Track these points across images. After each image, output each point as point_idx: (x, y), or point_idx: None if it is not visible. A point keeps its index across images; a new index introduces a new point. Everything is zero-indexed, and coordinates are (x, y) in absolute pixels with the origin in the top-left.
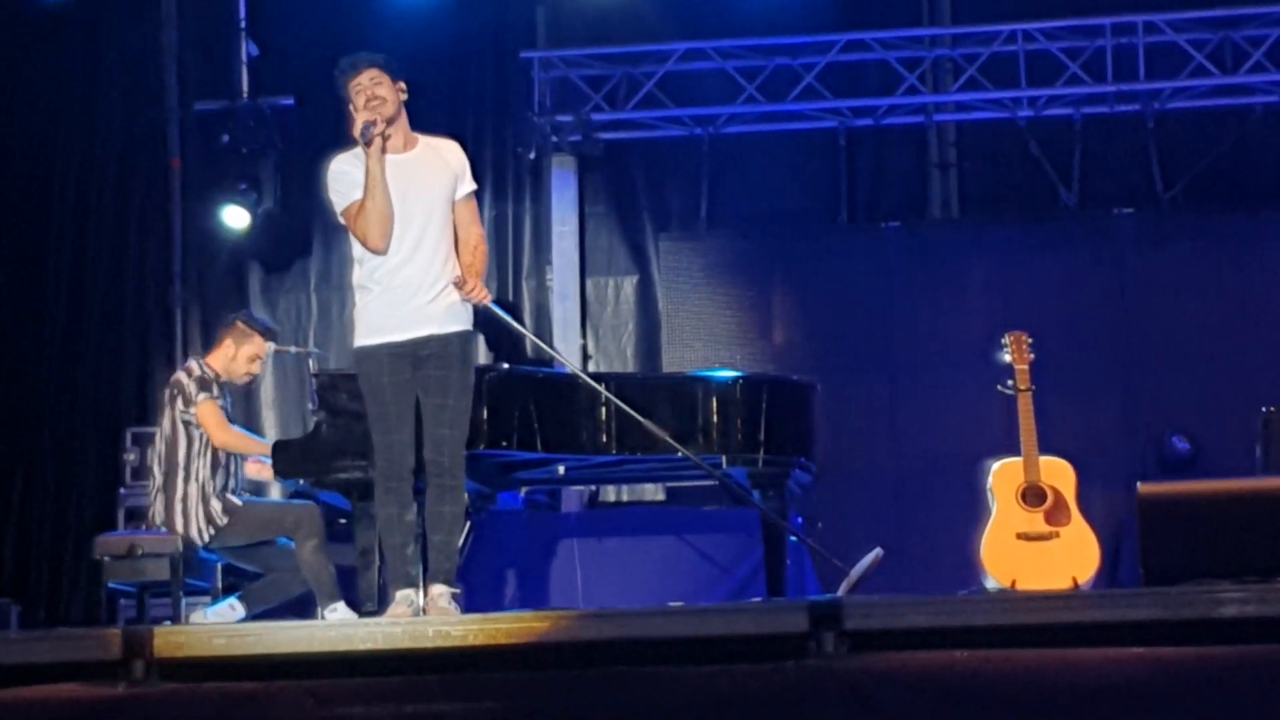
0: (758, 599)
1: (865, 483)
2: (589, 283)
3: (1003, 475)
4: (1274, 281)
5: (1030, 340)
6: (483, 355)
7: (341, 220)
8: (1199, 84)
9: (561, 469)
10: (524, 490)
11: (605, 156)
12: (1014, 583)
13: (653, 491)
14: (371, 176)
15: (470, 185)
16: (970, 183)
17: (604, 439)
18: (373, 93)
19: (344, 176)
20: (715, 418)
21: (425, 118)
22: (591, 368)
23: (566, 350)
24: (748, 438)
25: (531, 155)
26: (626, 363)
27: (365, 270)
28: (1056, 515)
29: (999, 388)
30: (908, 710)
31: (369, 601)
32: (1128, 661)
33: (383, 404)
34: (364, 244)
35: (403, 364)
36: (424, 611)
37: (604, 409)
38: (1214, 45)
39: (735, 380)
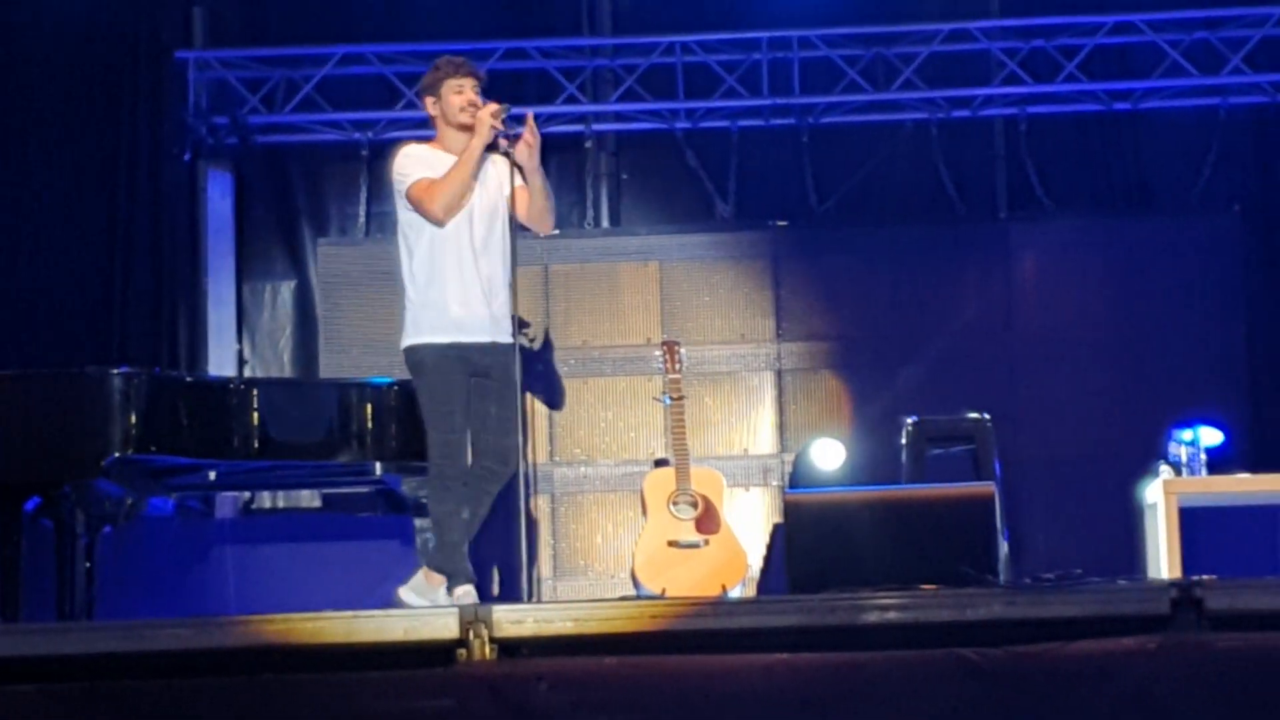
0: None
1: (523, 488)
2: (245, 288)
3: (654, 483)
4: (918, 294)
5: (683, 350)
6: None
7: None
8: (851, 99)
9: (212, 474)
10: (175, 495)
11: (263, 160)
12: (665, 590)
13: (309, 498)
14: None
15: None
16: (628, 193)
17: (255, 445)
18: (472, 99)
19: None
20: (370, 424)
21: (80, 117)
22: (247, 373)
23: (221, 356)
24: (403, 444)
25: (187, 157)
26: (284, 368)
27: None
28: (706, 524)
29: (654, 398)
30: (555, 716)
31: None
32: (772, 667)
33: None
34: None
35: None
36: None
37: (255, 414)
38: (866, 61)
39: (390, 386)
